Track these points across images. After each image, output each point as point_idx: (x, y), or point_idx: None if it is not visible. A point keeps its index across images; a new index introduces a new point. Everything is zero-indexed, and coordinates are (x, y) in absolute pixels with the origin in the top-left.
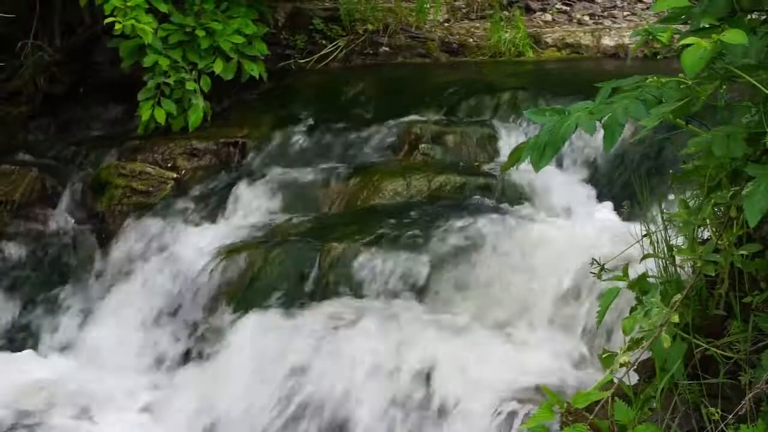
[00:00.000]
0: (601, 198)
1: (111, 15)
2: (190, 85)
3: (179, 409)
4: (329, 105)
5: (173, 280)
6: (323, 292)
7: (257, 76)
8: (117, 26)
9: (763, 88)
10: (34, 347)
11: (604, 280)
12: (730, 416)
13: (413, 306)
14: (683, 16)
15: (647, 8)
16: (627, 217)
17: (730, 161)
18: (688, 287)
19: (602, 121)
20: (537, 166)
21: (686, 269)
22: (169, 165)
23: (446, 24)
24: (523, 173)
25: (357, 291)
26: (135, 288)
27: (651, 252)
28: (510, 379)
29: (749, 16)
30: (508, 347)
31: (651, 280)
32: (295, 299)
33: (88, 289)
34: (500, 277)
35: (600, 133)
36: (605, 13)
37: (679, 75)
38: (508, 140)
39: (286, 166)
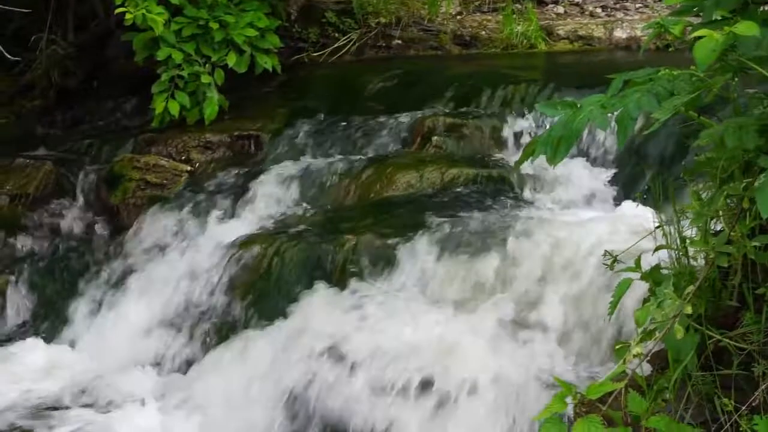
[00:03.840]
0: (613, 189)
1: (122, 6)
2: (204, 78)
3: (191, 400)
4: (342, 98)
5: (187, 272)
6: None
7: (270, 69)
8: (127, 16)
9: None
10: (46, 339)
11: (616, 272)
12: (744, 407)
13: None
14: (695, 8)
15: (659, 0)
16: (640, 208)
17: (742, 153)
18: (701, 279)
19: (614, 116)
20: (552, 161)
21: (699, 261)
22: (183, 158)
23: (458, 17)
24: (535, 164)
25: (371, 282)
26: (148, 280)
27: (664, 243)
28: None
29: (761, 8)
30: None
31: (664, 271)
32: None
33: (102, 282)
34: (514, 269)
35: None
36: (617, 6)
37: (691, 67)
38: (520, 133)
39: (299, 159)
